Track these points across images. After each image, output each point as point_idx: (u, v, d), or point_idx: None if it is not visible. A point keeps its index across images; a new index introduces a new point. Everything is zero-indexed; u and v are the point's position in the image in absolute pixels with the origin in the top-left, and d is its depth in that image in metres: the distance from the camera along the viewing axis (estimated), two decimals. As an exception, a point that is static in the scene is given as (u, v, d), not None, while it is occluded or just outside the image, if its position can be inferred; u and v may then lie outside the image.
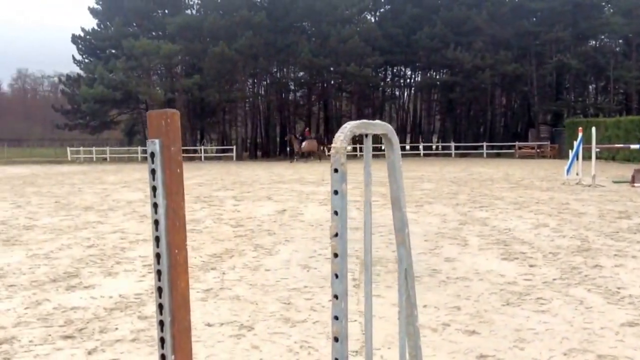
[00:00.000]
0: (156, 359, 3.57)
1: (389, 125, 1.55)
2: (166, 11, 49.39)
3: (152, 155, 1.46)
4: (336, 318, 1.37)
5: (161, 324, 1.45)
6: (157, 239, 1.47)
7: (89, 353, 3.70)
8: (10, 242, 8.00)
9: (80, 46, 52.21)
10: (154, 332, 4.07)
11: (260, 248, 7.26)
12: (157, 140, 1.46)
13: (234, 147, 46.72)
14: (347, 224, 1.37)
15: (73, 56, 52.46)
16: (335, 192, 1.33)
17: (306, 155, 38.31)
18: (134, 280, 5.69)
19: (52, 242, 7.90)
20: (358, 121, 1.41)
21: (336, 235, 1.35)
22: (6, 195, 15.14)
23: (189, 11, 50.12)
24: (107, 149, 50.13)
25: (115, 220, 10.06)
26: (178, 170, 1.48)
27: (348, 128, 1.36)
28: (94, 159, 46.14)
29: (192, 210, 11.31)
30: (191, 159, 43.31)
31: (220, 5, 45.99)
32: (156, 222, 1.47)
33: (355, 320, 4.17)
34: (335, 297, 1.36)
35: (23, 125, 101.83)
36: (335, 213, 1.34)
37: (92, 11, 51.17)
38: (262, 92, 53.49)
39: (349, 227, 8.14)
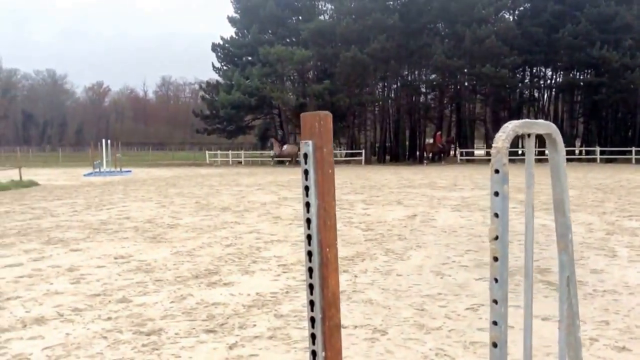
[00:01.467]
0: (293, 357, 3.66)
1: (553, 125, 1.47)
2: (300, 17, 50.71)
3: (305, 156, 1.49)
4: (495, 323, 1.32)
5: (312, 320, 1.47)
6: (308, 237, 1.49)
7: (230, 348, 3.86)
8: (157, 239, 8.56)
9: (219, 54, 54.93)
10: (290, 331, 4.17)
11: (391, 253, 7.22)
12: (310, 142, 1.48)
13: (363, 151, 46.98)
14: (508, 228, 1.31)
15: (212, 64, 55.36)
16: (496, 194, 1.28)
17: (286, 159, 40.00)
18: (270, 279, 5.87)
19: (194, 241, 8.36)
20: (520, 120, 1.35)
21: (496, 238, 1.30)
22: (152, 196, 16.23)
23: (322, 17, 51.13)
24: (242, 152, 52.25)
25: (251, 221, 10.45)
26: (330, 171, 1.50)
27: (510, 127, 1.31)
28: (230, 162, 48.30)
29: (324, 212, 11.50)
30: (322, 162, 44.06)
31: (353, 10, 46.43)
32: (308, 221, 1.49)
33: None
34: (495, 302, 1.31)
35: (166, 129, 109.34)
36: (496, 215, 1.29)
37: (231, 20, 53.66)
38: (392, 96, 53.31)
39: (487, 235, 7.87)
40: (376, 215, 11.03)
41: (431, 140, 46.31)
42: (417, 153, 50.14)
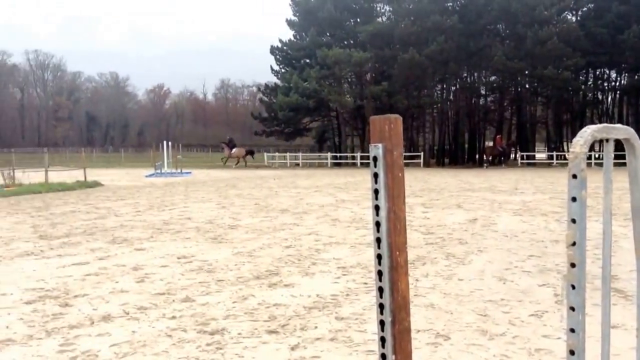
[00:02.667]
0: (355, 359, 3.67)
1: (632, 130, 1.43)
2: (358, 20, 50.81)
3: (375, 159, 1.49)
4: (572, 331, 1.30)
5: (382, 323, 1.48)
6: (378, 241, 1.50)
7: (292, 349, 3.89)
8: (217, 240, 8.72)
9: (277, 57, 55.61)
10: (352, 333, 4.17)
11: (452, 257, 7.14)
12: (380, 145, 1.49)
13: (421, 154, 46.57)
14: (586, 233, 1.29)
15: (271, 66, 56.15)
16: (574, 199, 1.26)
17: (234, 160, 43.28)
18: (329, 281, 5.89)
19: (254, 242, 8.47)
20: (599, 125, 1.32)
21: (574, 244, 1.28)
22: (212, 197, 16.54)
23: (380, 19, 51.06)
24: (300, 154, 52.63)
25: (309, 223, 10.51)
26: (400, 174, 1.50)
27: (588, 132, 1.28)
28: (288, 164, 48.75)
29: (382, 215, 11.45)
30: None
31: (411, 12, 46.15)
32: (377, 224, 1.50)
33: (559, 338, 3.94)
34: (572, 309, 1.29)
35: (224, 131, 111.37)
36: (573, 221, 1.27)
37: (289, 23, 54.22)
38: (451, 98, 52.69)
39: (551, 240, 7.65)
40: (436, 219, 10.91)
41: (491, 143, 45.53)
42: (477, 156, 49.37)
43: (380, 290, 1.49)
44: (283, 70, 55.12)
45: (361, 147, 49.83)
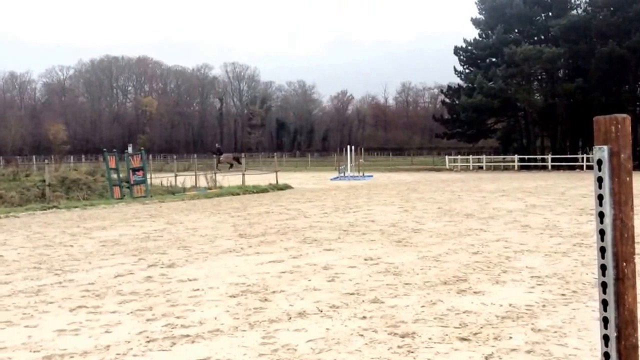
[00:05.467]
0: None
1: None
2: (550, 14, 48.12)
3: (600, 162, 1.39)
4: None
5: (605, 338, 1.37)
6: (602, 250, 1.39)
7: (486, 358, 3.76)
8: (402, 243, 8.74)
9: (461, 57, 54.42)
10: (551, 347, 3.94)
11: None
12: (605, 147, 1.38)
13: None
14: None
15: (454, 67, 55.09)
16: None
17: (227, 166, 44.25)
18: (523, 291, 5.61)
19: (439, 246, 8.35)
20: None
21: None
22: (394, 200, 16.61)
23: (574, 11, 47.90)
24: (483, 157, 50.92)
25: (497, 229, 10.12)
26: (628, 179, 1.38)
27: None
28: (470, 167, 47.44)
29: (578, 223, 10.71)
30: (571, 168, 41.17)
31: (611, 2, 42.58)
32: (601, 232, 1.39)
33: None
34: None
35: (404, 135, 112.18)
36: None
37: (474, 21, 52.82)
38: (658, 93, 47.74)
39: None
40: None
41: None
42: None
43: (604, 303, 1.38)
44: (467, 71, 53.89)
45: (552, 149, 47.01)
